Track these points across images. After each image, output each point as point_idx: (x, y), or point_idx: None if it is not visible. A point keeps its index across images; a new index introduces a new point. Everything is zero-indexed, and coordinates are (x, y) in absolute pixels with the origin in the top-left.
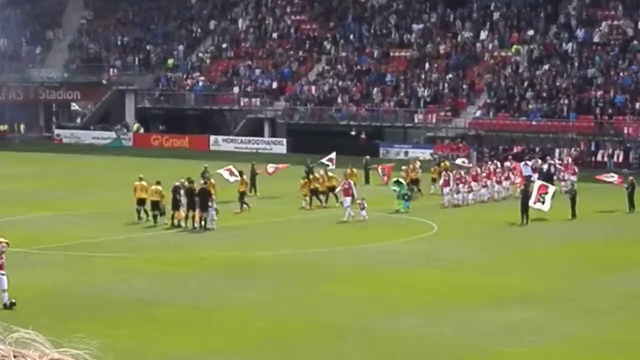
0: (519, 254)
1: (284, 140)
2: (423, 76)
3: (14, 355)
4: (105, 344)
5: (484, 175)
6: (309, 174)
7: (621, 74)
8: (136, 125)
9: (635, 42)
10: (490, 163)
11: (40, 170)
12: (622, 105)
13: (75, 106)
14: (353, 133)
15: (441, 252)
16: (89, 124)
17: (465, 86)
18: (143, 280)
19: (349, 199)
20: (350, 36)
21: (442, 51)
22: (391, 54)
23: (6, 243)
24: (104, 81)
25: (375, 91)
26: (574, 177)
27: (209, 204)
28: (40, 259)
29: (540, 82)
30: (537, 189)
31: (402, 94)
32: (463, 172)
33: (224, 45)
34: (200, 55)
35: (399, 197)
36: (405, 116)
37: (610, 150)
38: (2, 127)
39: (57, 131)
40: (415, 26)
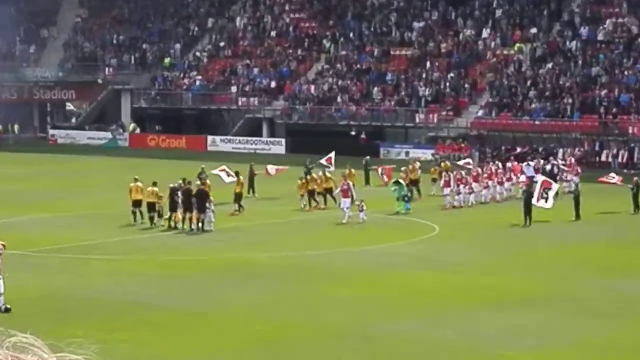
0: (521, 255)
1: (283, 140)
2: (424, 75)
3: None
4: (103, 349)
5: (485, 176)
6: (307, 175)
7: (626, 73)
8: (132, 125)
9: None
10: (492, 164)
11: (34, 171)
12: (626, 105)
13: (70, 106)
14: (353, 133)
15: (443, 253)
16: (84, 124)
17: (467, 85)
18: (139, 283)
19: (348, 201)
20: (350, 34)
21: (443, 50)
22: (392, 52)
23: (2, 245)
24: (100, 80)
25: (375, 90)
26: (576, 178)
27: (207, 205)
28: (35, 261)
29: (544, 81)
30: (540, 184)
31: (403, 93)
32: (464, 173)
33: (222, 43)
34: (197, 54)
35: (399, 199)
36: (406, 116)
37: (615, 151)
38: None
39: (51, 131)
40: (416, 24)
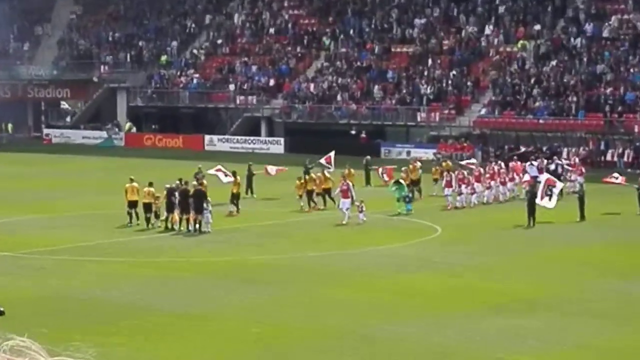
0: (524, 257)
1: (282, 139)
2: (426, 73)
3: None
4: (100, 353)
5: (487, 176)
6: (306, 175)
7: (631, 70)
8: (128, 125)
9: None
10: (494, 163)
11: (29, 171)
12: (632, 103)
13: (64, 104)
14: (353, 132)
15: (445, 255)
16: (79, 123)
17: (469, 83)
18: (135, 286)
19: (348, 201)
20: (350, 31)
21: (445, 47)
22: (393, 49)
23: None
24: (95, 79)
25: (376, 88)
26: (580, 178)
27: (204, 206)
28: (28, 263)
29: (548, 78)
30: (544, 181)
31: (404, 92)
32: (466, 173)
33: (219, 41)
34: (194, 52)
35: (399, 200)
36: (408, 114)
37: (620, 150)
38: None
39: (46, 130)
40: (417, 21)
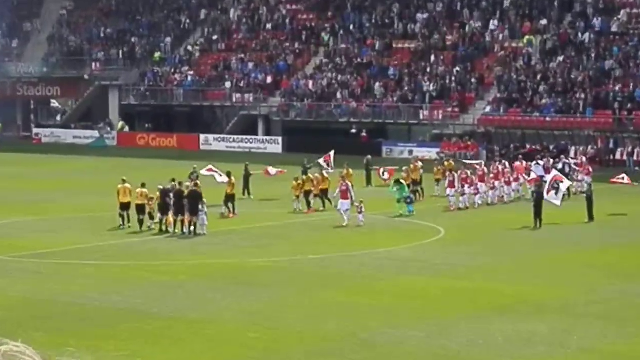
0: (530, 259)
1: (280, 139)
2: (428, 69)
3: None
4: (96, 358)
5: (491, 175)
6: (304, 175)
7: None
8: (121, 124)
9: None
10: (499, 163)
11: (18, 172)
12: None
13: (55, 103)
14: (354, 131)
15: (449, 258)
16: (70, 122)
17: (473, 80)
18: (129, 290)
19: (347, 202)
20: (350, 27)
21: (448, 42)
22: (394, 45)
23: None
24: (86, 76)
25: (377, 86)
26: (588, 178)
27: (200, 207)
28: (19, 267)
29: (555, 75)
30: (551, 178)
31: (406, 89)
32: (469, 172)
33: (215, 37)
34: (189, 48)
35: (400, 201)
36: (410, 112)
37: (630, 148)
38: None
39: (36, 130)
40: (419, 16)
